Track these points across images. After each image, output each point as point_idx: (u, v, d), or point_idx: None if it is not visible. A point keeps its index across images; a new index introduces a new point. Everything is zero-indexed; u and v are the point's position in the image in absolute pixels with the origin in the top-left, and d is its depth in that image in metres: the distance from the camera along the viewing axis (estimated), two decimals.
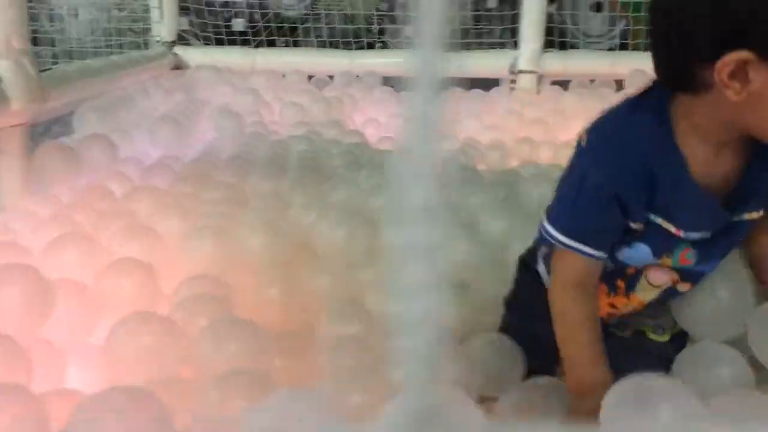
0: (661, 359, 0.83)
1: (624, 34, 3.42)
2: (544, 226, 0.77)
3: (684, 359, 0.83)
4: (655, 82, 0.73)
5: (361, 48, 3.19)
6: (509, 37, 2.79)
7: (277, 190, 1.44)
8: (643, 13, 2.95)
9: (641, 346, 0.87)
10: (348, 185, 1.51)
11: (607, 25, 3.58)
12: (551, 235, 0.75)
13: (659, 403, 0.59)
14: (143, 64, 2.33)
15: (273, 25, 3.39)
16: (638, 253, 0.76)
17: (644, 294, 0.81)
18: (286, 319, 1.03)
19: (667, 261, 0.77)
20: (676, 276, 0.79)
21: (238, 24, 3.70)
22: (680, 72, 0.68)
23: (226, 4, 3.63)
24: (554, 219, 0.76)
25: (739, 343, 0.84)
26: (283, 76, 2.64)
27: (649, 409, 0.59)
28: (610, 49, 3.36)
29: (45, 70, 1.64)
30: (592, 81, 2.65)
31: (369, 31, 3.64)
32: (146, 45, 2.66)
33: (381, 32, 3.65)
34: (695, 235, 0.74)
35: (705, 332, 0.86)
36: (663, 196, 0.72)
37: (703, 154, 0.72)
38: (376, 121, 2.34)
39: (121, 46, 2.39)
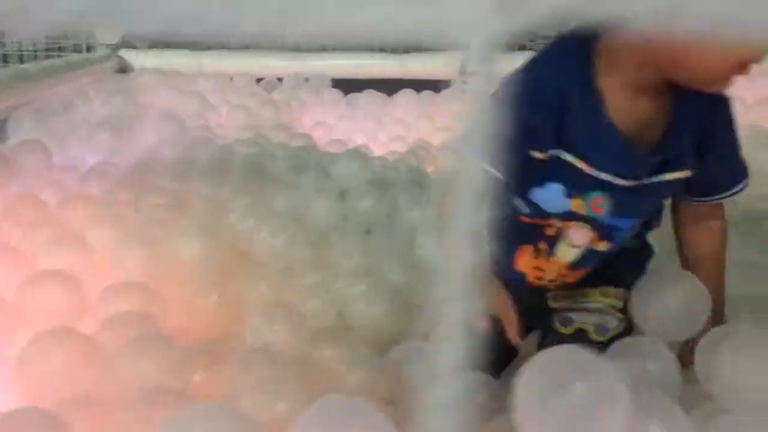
0: None
1: None
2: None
3: (614, 353, 0.85)
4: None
5: (320, 48, 3.17)
6: None
7: (218, 196, 1.41)
8: None
9: (580, 344, 0.88)
10: (291, 190, 1.49)
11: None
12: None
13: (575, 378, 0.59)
14: (85, 67, 2.27)
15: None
16: (551, 193, 0.76)
17: (565, 254, 0.82)
18: (220, 330, 1.01)
19: (579, 205, 0.77)
20: (593, 234, 0.79)
21: None
22: None
23: None
24: None
25: None
26: (231, 78, 2.60)
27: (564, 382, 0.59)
28: None
29: None
30: None
31: None
32: (90, 48, 2.59)
33: None
34: (607, 177, 0.74)
35: (659, 332, 0.86)
36: (575, 131, 0.72)
37: (623, 97, 0.72)
38: (325, 123, 2.33)
39: (60, 49, 2.32)
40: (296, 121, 2.33)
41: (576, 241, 0.80)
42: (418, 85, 2.59)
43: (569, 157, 0.73)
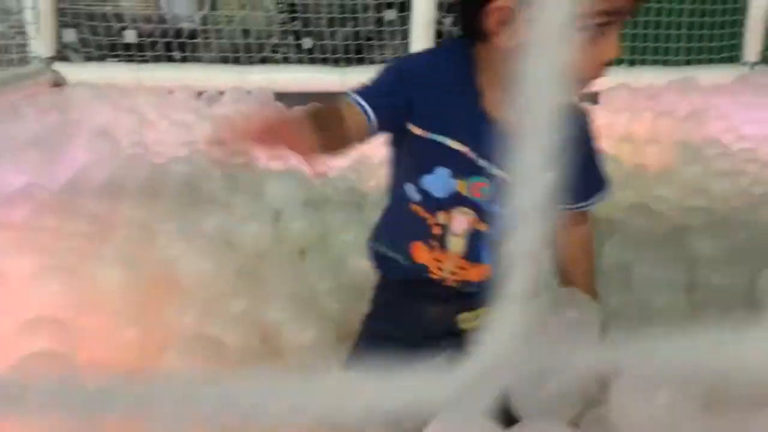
0: None
1: None
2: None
3: None
4: None
5: (261, 61, 3.15)
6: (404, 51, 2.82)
7: (147, 220, 1.39)
8: None
9: None
10: (223, 212, 1.48)
11: None
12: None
13: None
14: (16, 82, 2.20)
15: (166, 40, 3.29)
16: (439, 177, 0.82)
17: (456, 246, 0.86)
18: (142, 364, 0.99)
19: (463, 186, 0.82)
20: (473, 216, 0.84)
21: (130, 36, 3.57)
22: (467, 20, 0.76)
23: (117, 16, 3.49)
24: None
25: None
26: (171, 92, 2.56)
27: None
28: None
29: None
30: None
31: (264, 44, 3.60)
32: (24, 61, 2.51)
33: (277, 46, 3.61)
34: (485, 164, 0.80)
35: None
36: (457, 119, 0.79)
37: (499, 98, 0.79)
38: None
39: None
40: None
41: (458, 229, 0.84)
42: None
43: (451, 142, 0.80)
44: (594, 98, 2.65)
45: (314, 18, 3.08)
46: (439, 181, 0.83)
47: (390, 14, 3.60)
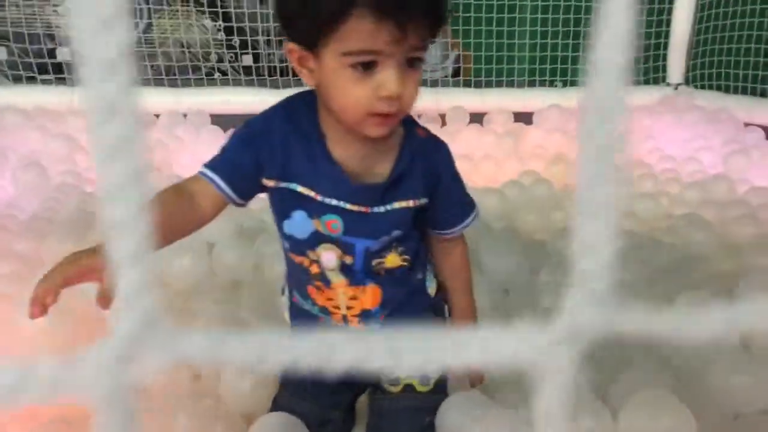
0: (427, 409, 0.96)
1: (456, 65, 3.57)
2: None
3: (445, 409, 0.92)
4: None
5: (199, 81, 3.13)
6: None
7: None
8: (475, 42, 3.09)
9: (409, 401, 0.98)
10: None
11: (440, 53, 3.73)
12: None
13: None
14: None
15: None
16: (297, 220, 0.87)
17: (336, 280, 0.91)
18: (74, 413, 0.98)
19: (319, 224, 0.87)
20: (339, 251, 0.88)
21: (64, 54, 3.49)
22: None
23: (49, 35, 3.41)
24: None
25: None
26: None
27: None
28: (445, 77, 3.51)
29: None
30: (419, 116, 2.75)
31: (206, 60, 3.57)
32: None
33: (219, 61, 3.59)
34: (335, 202, 0.85)
35: None
36: (302, 167, 0.84)
37: (343, 139, 0.83)
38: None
39: None
40: (173, 161, 2.29)
41: (329, 264, 0.89)
42: None
43: (300, 188, 0.84)
44: (528, 119, 2.73)
45: (252, 37, 3.07)
46: (297, 224, 0.87)
47: None
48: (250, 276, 1.46)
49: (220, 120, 2.58)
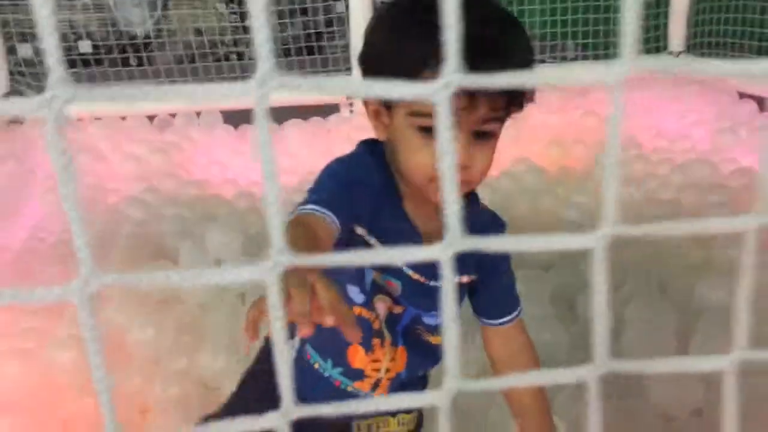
0: None
1: None
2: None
3: None
4: None
5: (217, 60, 3.24)
6: (342, 63, 2.91)
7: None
8: None
9: None
10: (169, 266, 1.63)
11: None
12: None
13: None
14: None
15: (121, 42, 3.37)
16: (369, 274, 0.84)
17: (386, 333, 0.87)
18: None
19: (378, 278, 0.84)
20: (390, 302, 0.86)
21: (85, 46, 3.63)
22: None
23: (70, 26, 3.56)
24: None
25: None
26: (124, 118, 2.67)
27: None
28: None
29: None
30: None
31: (222, 44, 3.68)
32: None
33: (235, 45, 3.70)
34: (401, 266, 0.83)
35: None
36: (383, 222, 0.80)
37: (418, 202, 0.81)
38: (218, 162, 2.44)
39: None
40: (190, 162, 2.43)
41: (381, 311, 0.86)
42: (306, 112, 2.71)
43: (374, 241, 0.80)
44: (530, 97, 2.78)
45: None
46: (369, 277, 0.84)
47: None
48: (255, 288, 1.62)
49: (230, 115, 2.70)
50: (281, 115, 2.66)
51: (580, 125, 2.51)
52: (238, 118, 2.69)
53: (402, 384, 0.91)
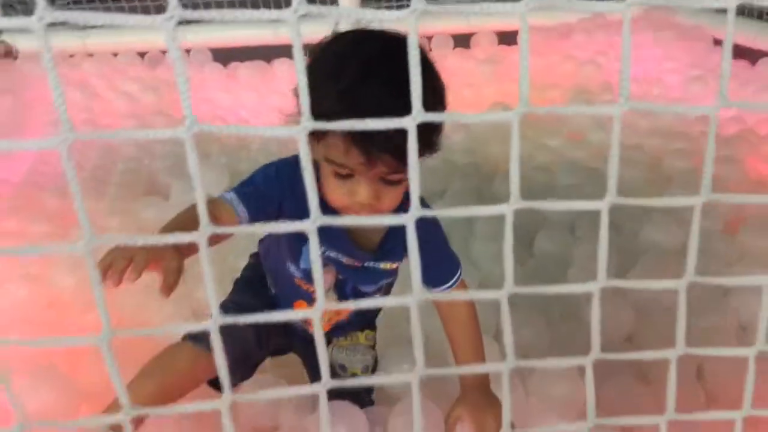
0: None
1: None
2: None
3: None
4: None
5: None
6: None
7: (95, 217, 1.65)
8: None
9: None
10: (163, 203, 1.74)
11: None
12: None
13: None
14: None
15: None
16: (305, 256, 0.97)
17: (329, 298, 1.02)
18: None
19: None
20: (334, 272, 0.99)
21: None
22: None
23: None
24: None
25: None
26: (115, 55, 2.73)
27: None
28: None
29: None
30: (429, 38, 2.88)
31: None
32: None
33: None
34: (333, 254, 0.96)
35: None
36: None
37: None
38: (208, 100, 2.53)
39: None
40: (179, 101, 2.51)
41: (328, 280, 1.00)
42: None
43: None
44: (512, 39, 2.84)
45: None
46: (306, 259, 0.96)
47: None
48: None
49: (220, 53, 2.76)
50: (271, 53, 2.71)
51: (558, 69, 2.59)
52: (226, 56, 2.76)
53: (346, 324, 1.09)
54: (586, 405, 0.56)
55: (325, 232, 0.92)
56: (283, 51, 2.74)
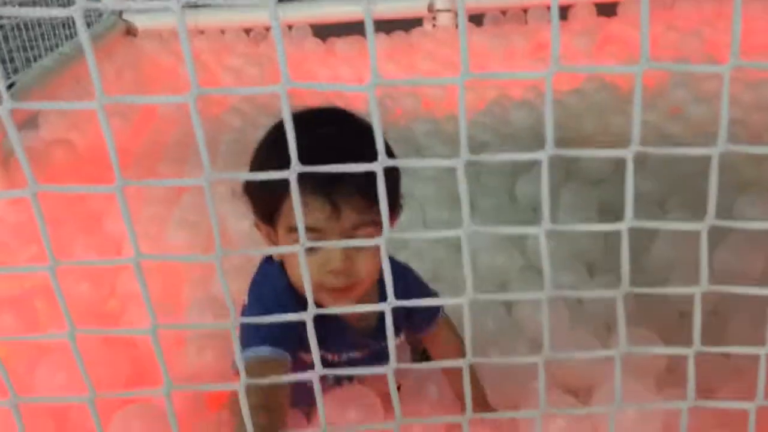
0: None
1: None
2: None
3: None
4: None
5: None
6: None
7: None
8: None
9: None
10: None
11: None
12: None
13: None
14: (96, 43, 2.57)
15: None
16: None
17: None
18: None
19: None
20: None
21: None
22: None
23: None
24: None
25: None
26: (223, 32, 2.89)
27: None
28: None
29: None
30: (503, 13, 2.89)
31: None
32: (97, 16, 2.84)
33: None
34: (344, 357, 0.92)
35: None
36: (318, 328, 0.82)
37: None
38: (309, 75, 2.64)
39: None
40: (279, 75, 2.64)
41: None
42: (389, 26, 2.82)
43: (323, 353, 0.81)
44: (612, 10, 2.78)
45: None
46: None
47: None
48: None
49: (319, 29, 2.85)
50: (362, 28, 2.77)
51: (661, 40, 2.52)
52: (326, 31, 2.85)
53: None
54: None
55: (325, 339, 0.77)
56: (380, 26, 2.80)
